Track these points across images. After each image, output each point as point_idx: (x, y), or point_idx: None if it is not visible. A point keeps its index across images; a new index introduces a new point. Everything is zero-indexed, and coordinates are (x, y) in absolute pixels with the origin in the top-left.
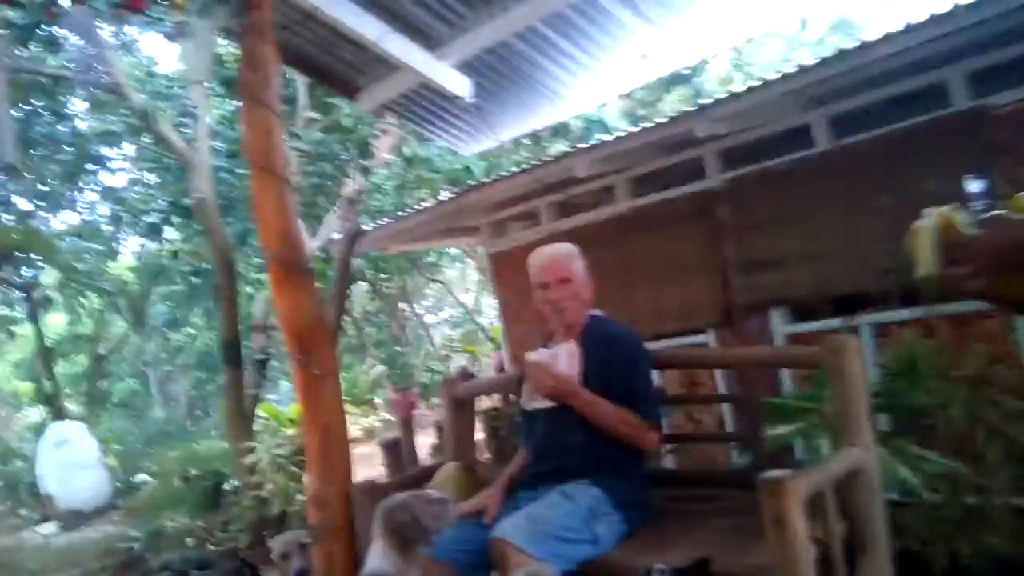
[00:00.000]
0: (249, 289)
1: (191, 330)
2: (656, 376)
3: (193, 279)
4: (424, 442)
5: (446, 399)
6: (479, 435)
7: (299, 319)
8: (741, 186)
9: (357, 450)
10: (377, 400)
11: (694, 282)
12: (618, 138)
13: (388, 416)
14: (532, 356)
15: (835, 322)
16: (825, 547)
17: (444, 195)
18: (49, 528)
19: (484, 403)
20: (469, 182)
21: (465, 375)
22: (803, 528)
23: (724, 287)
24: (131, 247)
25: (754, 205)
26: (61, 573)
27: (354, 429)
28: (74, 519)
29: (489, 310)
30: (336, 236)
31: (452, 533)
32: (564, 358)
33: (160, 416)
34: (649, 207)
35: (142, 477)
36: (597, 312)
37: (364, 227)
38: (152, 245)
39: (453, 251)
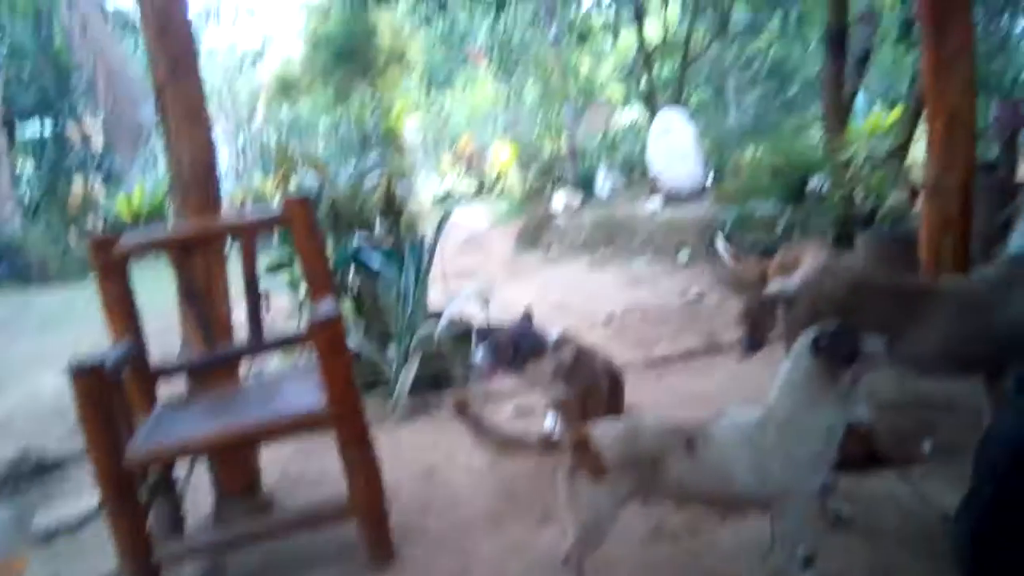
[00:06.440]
0: None
1: (762, 41)
2: None
3: None
4: None
5: None
6: None
7: None
8: None
9: None
10: None
11: None
12: None
13: None
14: None
15: None
16: None
17: None
18: (655, 203)
19: None
20: None
21: None
22: None
23: None
24: None
25: None
26: (664, 239)
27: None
28: (674, 197)
29: None
30: None
31: None
32: None
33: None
34: None
35: (730, 167)
36: None
37: None
38: None
39: None
